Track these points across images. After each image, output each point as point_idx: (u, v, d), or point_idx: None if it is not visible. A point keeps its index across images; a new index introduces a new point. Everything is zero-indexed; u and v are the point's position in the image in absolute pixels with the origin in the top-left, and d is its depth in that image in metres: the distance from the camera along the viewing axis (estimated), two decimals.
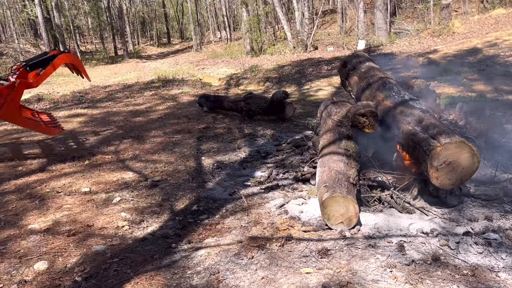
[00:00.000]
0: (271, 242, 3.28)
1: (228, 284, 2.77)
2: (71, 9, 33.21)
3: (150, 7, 45.80)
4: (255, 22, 21.92)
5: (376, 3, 18.29)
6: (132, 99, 11.67)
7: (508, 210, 3.58)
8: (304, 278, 2.77)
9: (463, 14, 20.03)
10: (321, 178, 3.76)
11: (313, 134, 5.86)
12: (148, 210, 4.13)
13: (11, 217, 4.08)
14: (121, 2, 32.39)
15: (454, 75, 10.28)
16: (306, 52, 18.84)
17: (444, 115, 5.03)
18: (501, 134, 5.06)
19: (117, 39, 32.91)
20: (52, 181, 5.08)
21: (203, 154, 5.97)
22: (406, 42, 16.93)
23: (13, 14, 31.62)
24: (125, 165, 5.64)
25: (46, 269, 3.06)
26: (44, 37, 20.98)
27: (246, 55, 21.51)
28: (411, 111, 4.08)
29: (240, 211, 3.98)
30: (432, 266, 2.86)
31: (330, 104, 4.90)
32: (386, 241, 3.23)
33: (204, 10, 40.69)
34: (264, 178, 4.77)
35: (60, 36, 24.89)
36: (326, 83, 12.01)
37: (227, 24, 32.03)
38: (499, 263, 2.87)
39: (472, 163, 3.34)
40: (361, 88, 5.30)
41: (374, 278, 2.74)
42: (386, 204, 3.80)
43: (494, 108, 6.63)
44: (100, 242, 3.47)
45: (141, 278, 2.89)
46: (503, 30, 15.16)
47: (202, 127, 7.65)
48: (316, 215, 3.71)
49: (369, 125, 4.07)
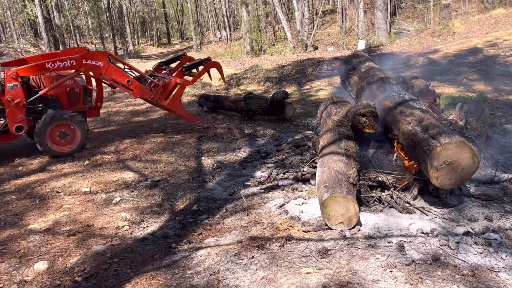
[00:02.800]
0: (271, 242, 3.27)
1: (228, 284, 2.77)
2: (71, 9, 33.22)
3: (150, 7, 45.79)
4: (255, 22, 21.92)
5: (376, 3, 18.29)
6: (132, 99, 11.66)
7: (508, 210, 3.58)
8: (304, 278, 2.77)
9: (463, 14, 20.02)
10: (321, 178, 3.76)
11: (313, 134, 5.86)
12: (148, 210, 4.13)
13: (11, 217, 4.08)
14: (121, 2, 32.40)
15: (454, 75, 10.28)
16: (306, 52, 18.84)
17: (444, 115, 5.03)
18: (501, 134, 5.06)
19: (117, 39, 32.90)
20: (52, 181, 5.08)
21: (203, 154, 5.97)
22: (406, 42, 16.93)
23: (13, 14, 31.62)
24: (125, 165, 5.64)
25: (46, 269, 3.06)
26: (44, 37, 20.95)
27: (246, 55, 21.51)
28: (411, 111, 4.08)
29: (240, 211, 3.98)
30: (432, 266, 2.86)
31: (330, 104, 4.90)
32: (386, 241, 3.23)
33: (204, 10, 40.69)
34: (264, 178, 4.77)
35: (60, 36, 24.88)
36: (326, 83, 12.01)
37: (227, 24, 32.02)
38: (499, 263, 2.87)
39: (472, 163, 3.34)
40: (361, 88, 5.30)
41: (374, 278, 2.74)
42: (386, 204, 3.80)
43: (494, 108, 6.63)
44: (100, 242, 3.46)
45: (141, 278, 2.89)
46: (503, 30, 15.16)
47: (202, 127, 7.65)
48: (316, 215, 3.71)
49: (369, 125, 4.06)
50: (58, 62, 5.92)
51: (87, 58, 6.19)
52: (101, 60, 6.31)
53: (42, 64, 5.88)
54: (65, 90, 6.38)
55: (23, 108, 5.77)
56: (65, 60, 5.98)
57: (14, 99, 5.67)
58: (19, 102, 5.71)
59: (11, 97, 5.65)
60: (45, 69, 5.90)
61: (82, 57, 6.17)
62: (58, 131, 5.96)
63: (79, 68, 6.21)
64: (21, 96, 5.72)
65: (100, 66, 6.31)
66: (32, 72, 5.93)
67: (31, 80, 6.15)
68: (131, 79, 6.66)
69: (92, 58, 6.25)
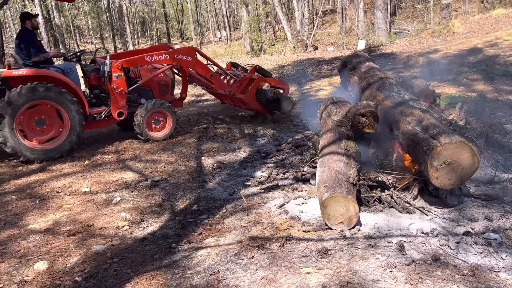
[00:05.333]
0: (271, 242, 3.27)
1: (228, 284, 2.77)
2: (71, 9, 33.23)
3: (150, 7, 45.81)
4: (255, 22, 21.92)
5: (376, 3, 18.29)
6: None
7: (508, 210, 3.58)
8: (304, 278, 2.77)
9: (463, 14, 20.03)
10: (321, 178, 3.76)
11: (313, 134, 5.86)
12: (148, 210, 4.13)
13: (11, 217, 4.08)
14: (121, 2, 32.41)
15: (454, 75, 10.28)
16: (306, 52, 18.84)
17: (444, 115, 5.03)
18: (501, 134, 5.06)
19: (117, 39, 32.92)
20: (52, 181, 5.08)
21: (203, 154, 5.97)
22: (406, 42, 16.93)
23: (13, 14, 31.61)
24: (125, 165, 5.64)
25: (46, 269, 3.05)
26: (44, 37, 20.97)
27: (246, 55, 21.51)
28: (411, 111, 4.08)
29: (240, 211, 3.98)
30: (432, 266, 2.86)
31: (330, 104, 4.90)
32: (386, 241, 3.23)
33: (204, 10, 40.70)
34: (264, 178, 4.77)
35: (60, 36, 24.90)
36: (326, 83, 12.01)
37: (227, 24, 32.04)
38: (499, 263, 2.87)
39: (472, 163, 3.34)
40: (361, 88, 5.30)
41: (374, 278, 2.74)
42: (386, 204, 3.80)
43: (494, 108, 6.63)
44: (100, 242, 3.46)
45: (141, 278, 2.89)
46: (503, 30, 15.17)
47: (202, 127, 7.65)
48: (316, 215, 3.71)
49: (369, 125, 4.06)
50: (155, 56, 6.55)
51: (179, 53, 6.81)
52: (190, 55, 6.91)
53: (141, 58, 6.52)
54: (157, 82, 7.05)
55: (125, 96, 6.39)
56: (161, 54, 6.60)
57: (119, 87, 6.27)
58: (122, 90, 6.30)
59: (116, 85, 6.25)
60: (144, 62, 6.56)
61: (175, 52, 6.83)
62: (153, 118, 6.65)
63: (172, 62, 6.74)
64: (124, 85, 6.33)
65: (189, 60, 6.90)
66: (134, 64, 6.58)
67: (131, 72, 6.77)
68: (214, 73, 7.29)
69: (184, 53, 6.87)
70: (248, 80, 7.54)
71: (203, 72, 7.15)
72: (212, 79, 7.22)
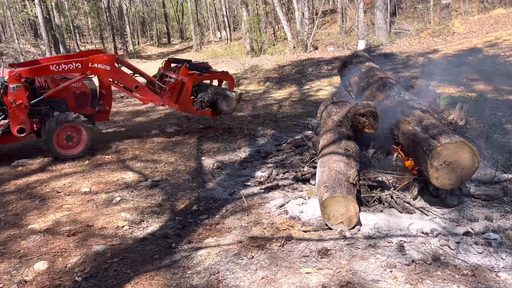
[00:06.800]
0: (271, 242, 3.27)
1: (228, 284, 2.77)
2: (71, 9, 33.24)
3: (150, 7, 45.82)
4: (255, 22, 21.92)
5: (376, 3, 18.29)
6: (132, 99, 11.67)
7: (508, 210, 3.58)
8: (304, 278, 2.77)
9: (463, 14, 20.03)
10: (321, 178, 3.76)
11: (313, 134, 5.86)
12: (148, 210, 4.13)
13: (11, 217, 4.08)
14: (121, 2, 32.42)
15: (454, 75, 10.27)
16: (306, 52, 18.84)
17: (444, 115, 5.03)
18: (501, 134, 5.06)
19: (117, 39, 32.91)
20: (52, 181, 5.09)
21: (203, 154, 5.97)
22: (406, 42, 16.92)
23: (13, 14, 31.60)
24: (125, 165, 5.64)
25: (46, 269, 3.06)
26: (44, 37, 20.95)
27: (246, 55, 21.51)
28: (411, 111, 4.08)
29: (240, 211, 3.98)
30: (432, 266, 2.86)
31: (330, 104, 4.90)
32: (386, 241, 3.23)
33: (204, 10, 40.71)
34: (264, 178, 4.77)
35: (60, 36, 24.90)
36: (326, 83, 12.01)
37: (227, 24, 32.04)
38: (499, 263, 2.87)
39: (472, 163, 3.34)
40: (361, 88, 5.31)
41: (374, 278, 2.74)
42: (386, 204, 3.80)
43: (494, 108, 6.63)
44: (100, 242, 3.47)
45: (141, 278, 2.89)
46: (503, 30, 15.16)
47: (202, 127, 7.65)
48: (316, 215, 3.71)
49: (369, 125, 4.06)
50: (63, 65, 5.82)
51: (94, 62, 6.06)
52: (108, 64, 6.17)
53: (46, 66, 5.80)
54: (72, 93, 6.26)
55: (25, 109, 5.69)
56: (70, 63, 5.87)
57: (16, 100, 5.59)
58: (21, 103, 5.62)
59: (13, 98, 5.57)
60: (50, 71, 5.82)
61: (88, 60, 6.03)
62: (65, 133, 5.89)
63: (84, 71, 6.08)
64: (24, 97, 5.65)
65: (107, 70, 6.18)
66: (36, 74, 5.87)
67: (36, 82, 6.09)
68: (140, 84, 6.50)
69: (100, 62, 6.11)
70: (180, 84, 6.68)
71: (127, 83, 6.42)
72: (139, 91, 6.49)
